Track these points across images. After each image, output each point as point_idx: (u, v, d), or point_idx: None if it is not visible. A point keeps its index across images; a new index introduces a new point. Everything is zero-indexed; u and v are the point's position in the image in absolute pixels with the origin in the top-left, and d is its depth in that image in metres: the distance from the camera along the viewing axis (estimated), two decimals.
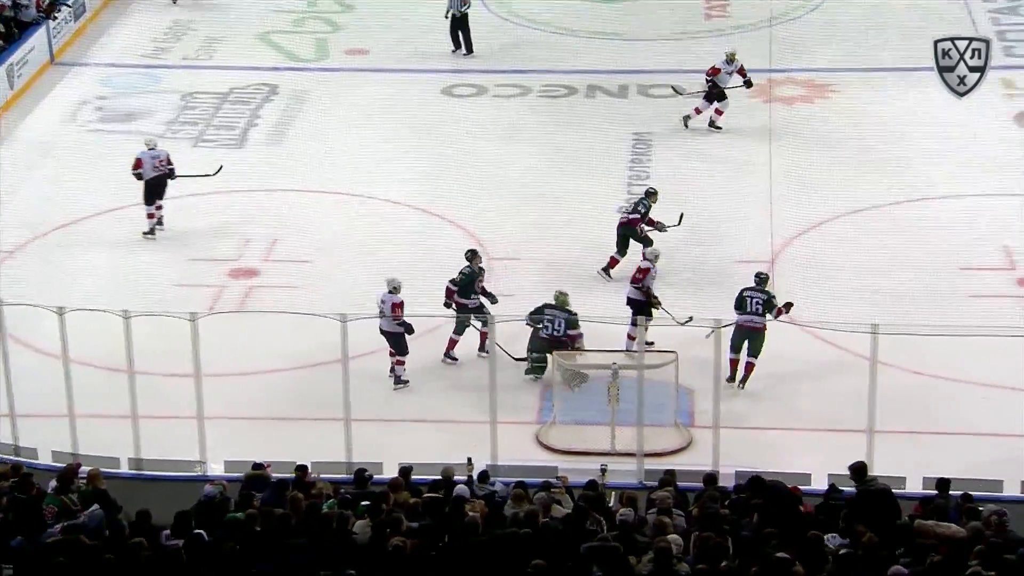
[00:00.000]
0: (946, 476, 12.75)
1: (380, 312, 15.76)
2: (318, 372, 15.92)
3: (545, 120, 22.63)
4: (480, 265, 16.47)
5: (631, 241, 17.93)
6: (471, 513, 11.43)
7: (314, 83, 24.07)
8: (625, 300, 16.35)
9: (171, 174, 19.14)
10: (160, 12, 27.17)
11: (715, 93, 21.70)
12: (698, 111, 21.86)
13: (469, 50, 24.86)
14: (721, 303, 16.24)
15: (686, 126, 21.86)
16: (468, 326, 16.15)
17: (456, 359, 16.28)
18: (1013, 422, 14.06)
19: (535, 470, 13.67)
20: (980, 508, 11.91)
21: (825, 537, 10.71)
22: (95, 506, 11.67)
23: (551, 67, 24.45)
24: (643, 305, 16.17)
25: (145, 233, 19.12)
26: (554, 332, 15.62)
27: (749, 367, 15.77)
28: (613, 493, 12.80)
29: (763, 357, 15.76)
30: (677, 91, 22.13)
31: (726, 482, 13.21)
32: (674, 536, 10.82)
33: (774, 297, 15.77)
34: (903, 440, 14.28)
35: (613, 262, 17.99)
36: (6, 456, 14.22)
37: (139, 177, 19.04)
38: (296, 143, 22.15)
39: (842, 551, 10.33)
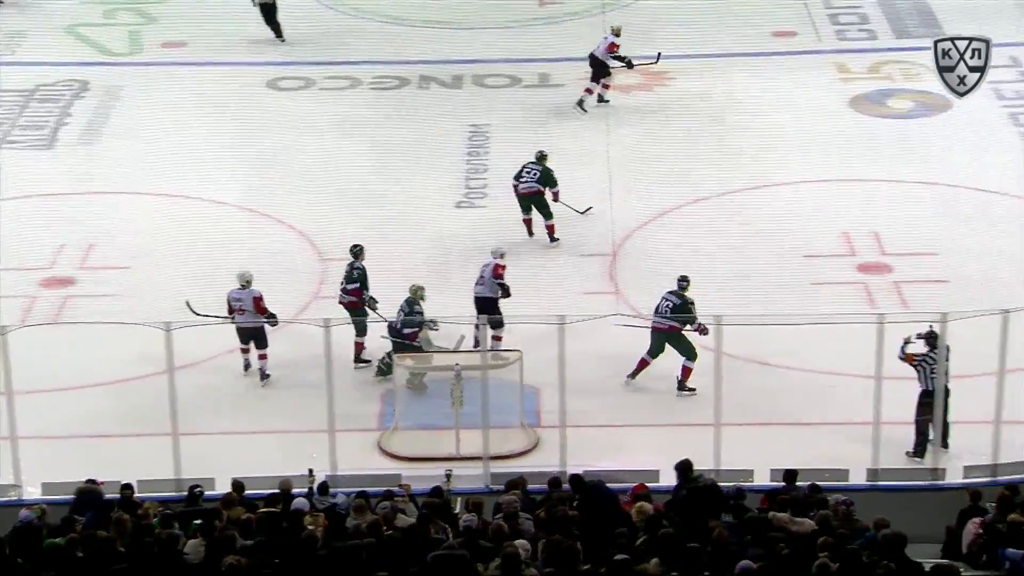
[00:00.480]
0: (793, 467, 13.10)
1: (240, 310, 15.72)
2: (142, 385, 15.65)
3: (377, 113, 22.55)
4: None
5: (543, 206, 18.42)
6: (310, 527, 11.36)
7: (128, 78, 23.59)
8: (473, 300, 16.29)
9: None
10: None
11: (603, 70, 22.02)
12: (589, 91, 22.09)
13: (280, 36, 24.68)
14: (565, 297, 16.44)
15: (584, 110, 22.05)
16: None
17: (368, 361, 16.16)
18: (858, 410, 14.43)
19: (377, 479, 13.67)
20: (827, 498, 12.28)
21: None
22: None
23: (381, 58, 24.38)
24: (492, 304, 16.18)
25: None
26: (397, 324, 15.52)
27: (685, 371, 15.64)
28: (459, 499, 12.85)
29: (607, 352, 15.93)
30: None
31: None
32: (521, 541, 10.89)
33: (692, 303, 15.65)
34: (750, 432, 14.54)
35: (550, 230, 18.50)
36: None
37: None
38: (111, 142, 21.72)
39: (690, 546, 10.51)
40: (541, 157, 18.73)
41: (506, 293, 16.22)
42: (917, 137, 21.26)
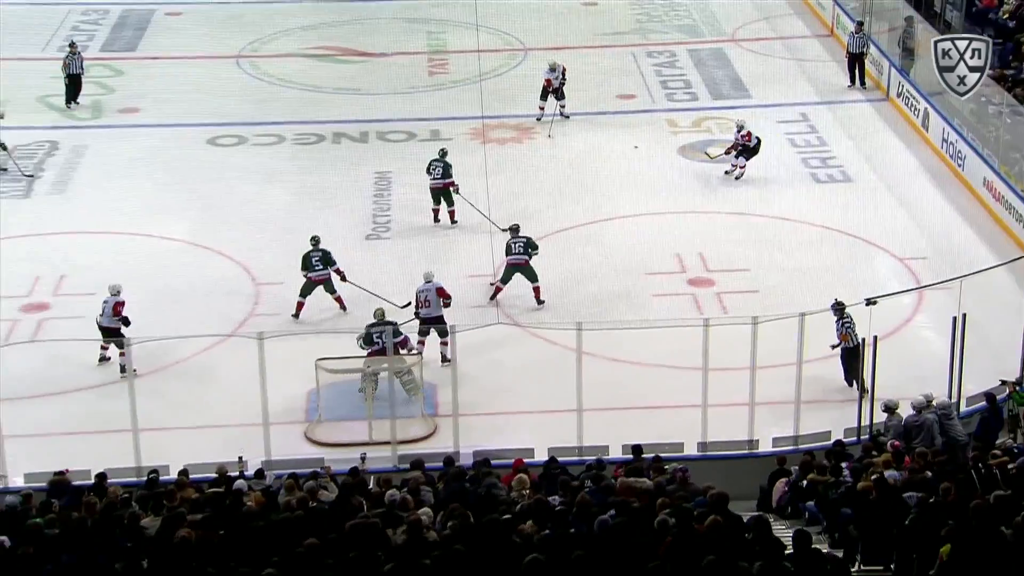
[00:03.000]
0: (639, 442, 13.22)
1: (103, 312, 15.58)
2: (107, 389, 15.30)
3: (299, 164, 22.32)
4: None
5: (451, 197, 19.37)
6: (249, 503, 11.19)
7: (91, 139, 23.06)
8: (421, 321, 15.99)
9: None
10: None
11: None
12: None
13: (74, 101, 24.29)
14: (460, 307, 16.39)
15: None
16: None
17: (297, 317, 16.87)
18: (689, 395, 14.59)
19: (305, 462, 13.50)
20: (666, 467, 12.42)
21: (549, 499, 10.93)
22: None
23: (302, 118, 24.14)
24: (441, 319, 15.97)
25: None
26: (382, 343, 15.12)
27: (536, 291, 17.17)
28: (372, 477, 12.75)
29: (489, 353, 15.95)
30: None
31: (466, 461, 13.35)
32: (425, 509, 10.84)
33: (532, 239, 17.25)
34: (605, 416, 14.64)
35: (451, 214, 19.53)
36: None
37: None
38: (78, 191, 21.18)
39: (558, 508, 10.55)
40: (444, 153, 19.41)
41: (448, 303, 16.10)
42: (731, 178, 21.62)
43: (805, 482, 12.56)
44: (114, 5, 29.64)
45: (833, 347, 15.22)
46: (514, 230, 17.50)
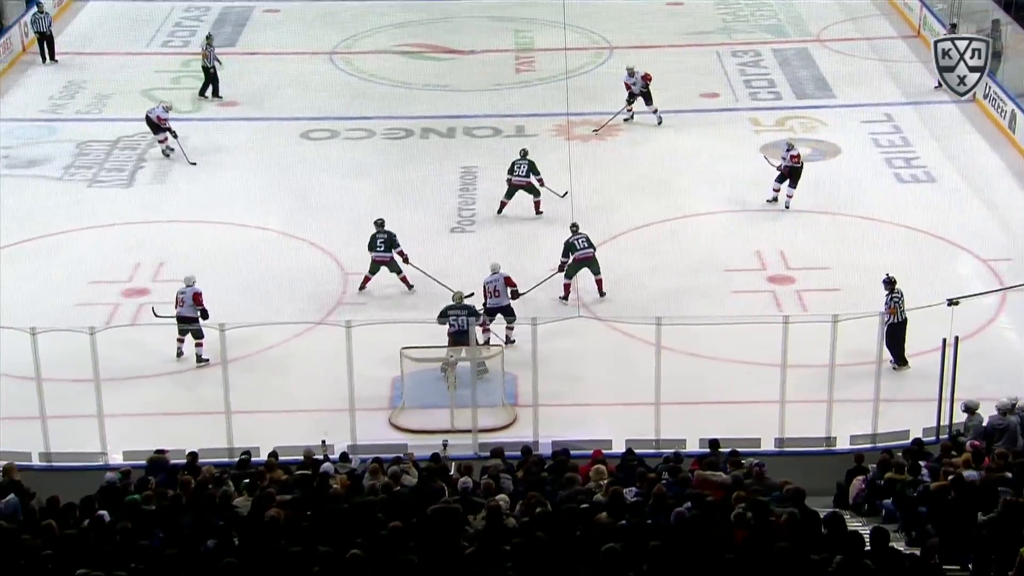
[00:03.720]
0: (716, 437, 13.11)
1: (181, 303, 15.67)
2: (202, 372, 15.58)
3: (388, 158, 22.48)
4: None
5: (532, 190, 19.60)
6: (335, 486, 11.34)
7: (191, 130, 23.50)
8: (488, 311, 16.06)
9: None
10: (56, 73, 26.22)
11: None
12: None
13: (217, 94, 24.71)
14: (542, 302, 16.39)
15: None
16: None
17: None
18: (767, 392, 14.45)
19: (388, 447, 13.62)
20: (743, 461, 12.30)
21: (624, 491, 10.90)
22: (11, 495, 11.24)
23: (392, 113, 24.31)
24: (509, 308, 16.12)
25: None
26: (460, 327, 15.32)
27: (599, 283, 17.13)
28: (453, 464, 12.83)
29: (570, 345, 15.94)
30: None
31: (544, 450, 13.36)
32: (502, 496, 10.88)
33: (589, 238, 17.21)
34: (683, 410, 14.55)
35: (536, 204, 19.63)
36: None
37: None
38: (177, 182, 21.57)
39: (635, 499, 10.51)
40: (525, 153, 19.59)
41: (516, 295, 16.24)
42: (814, 176, 21.32)
43: (883, 480, 12.35)
44: (215, 2, 30.20)
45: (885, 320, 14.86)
46: (574, 228, 17.35)
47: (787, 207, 19.80)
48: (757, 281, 18.07)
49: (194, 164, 21.54)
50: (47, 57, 26.41)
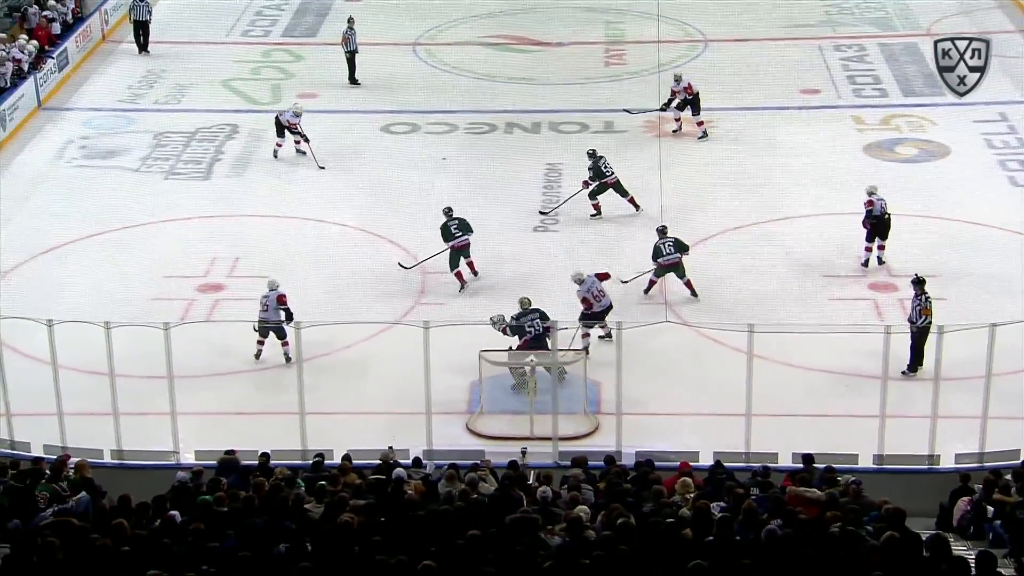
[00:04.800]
0: (810, 452, 12.94)
1: (265, 308, 15.82)
2: (276, 372, 15.80)
3: (470, 153, 22.59)
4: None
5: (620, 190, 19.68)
6: (409, 492, 11.41)
7: (270, 123, 23.83)
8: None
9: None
10: (135, 62, 26.84)
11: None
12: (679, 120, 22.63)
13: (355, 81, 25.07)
14: (627, 305, 16.34)
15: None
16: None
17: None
18: (866, 405, 14.24)
19: (465, 453, 13.68)
20: (839, 478, 12.12)
21: (711, 505, 10.81)
22: (82, 493, 11.50)
23: (475, 107, 24.44)
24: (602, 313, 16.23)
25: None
26: (537, 330, 15.41)
27: (689, 284, 17.23)
28: (532, 472, 12.84)
29: (657, 353, 15.88)
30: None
31: (627, 461, 13.31)
32: (583, 507, 10.86)
33: (680, 240, 17.21)
34: (775, 422, 14.40)
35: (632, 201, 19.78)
36: (3, 450, 13.97)
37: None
38: (255, 175, 21.93)
39: (721, 515, 10.41)
40: (592, 153, 19.67)
41: (607, 275, 16.63)
42: (920, 179, 20.95)
43: (990, 502, 12.08)
44: None
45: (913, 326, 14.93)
46: (662, 231, 17.28)
47: (880, 262, 18.41)
48: (857, 288, 17.81)
49: (323, 168, 21.49)
50: (142, 48, 26.84)
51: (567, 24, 28.29)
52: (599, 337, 16.10)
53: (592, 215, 19.78)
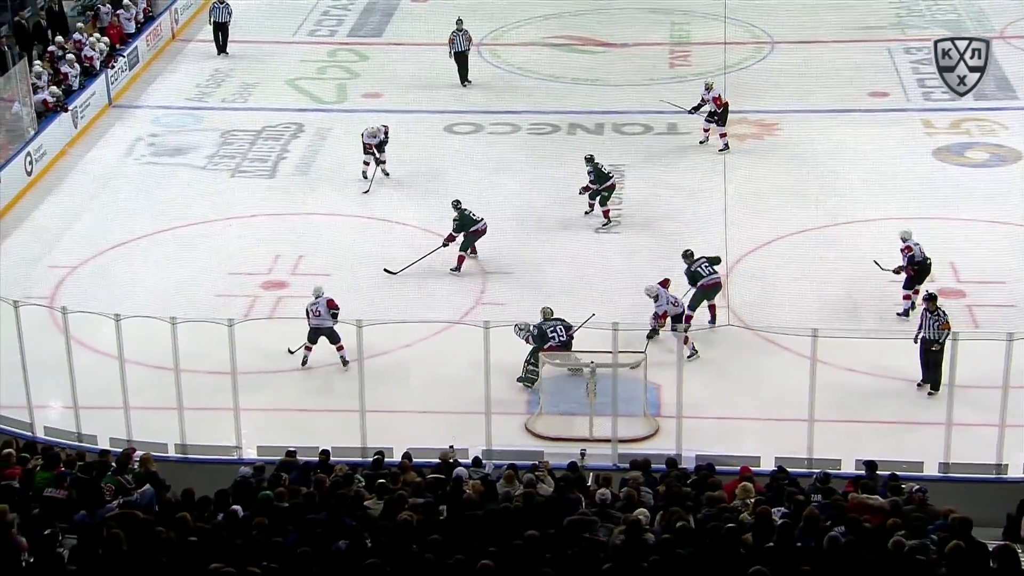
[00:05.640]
0: (873, 458, 12.79)
1: (317, 314, 15.85)
2: (336, 370, 15.92)
3: (532, 154, 22.60)
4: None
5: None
6: (468, 491, 11.44)
7: (335, 122, 24.08)
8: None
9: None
10: (202, 61, 27.18)
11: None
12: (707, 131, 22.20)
13: (467, 81, 25.13)
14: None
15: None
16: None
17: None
18: (931, 412, 14.04)
19: (524, 454, 13.68)
20: (903, 486, 11.97)
21: (772, 511, 10.72)
22: (147, 486, 11.67)
23: (539, 108, 24.45)
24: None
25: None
26: (560, 338, 15.49)
27: (712, 308, 16.48)
28: (591, 474, 12.81)
29: (719, 355, 15.77)
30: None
31: (687, 464, 13.24)
32: (642, 510, 10.83)
33: (710, 257, 16.62)
34: (838, 428, 14.25)
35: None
36: (70, 442, 14.21)
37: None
38: (319, 173, 22.12)
39: (782, 521, 10.32)
40: (589, 159, 19.59)
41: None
42: (990, 184, 20.61)
43: None
44: None
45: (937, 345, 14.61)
46: (688, 255, 16.77)
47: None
48: (923, 293, 17.53)
49: (388, 175, 21.39)
50: (221, 49, 27.12)
51: (632, 25, 28.21)
52: (647, 336, 15.98)
53: (604, 224, 19.49)
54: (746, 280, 17.88)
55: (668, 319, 16.06)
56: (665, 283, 16.42)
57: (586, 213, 19.82)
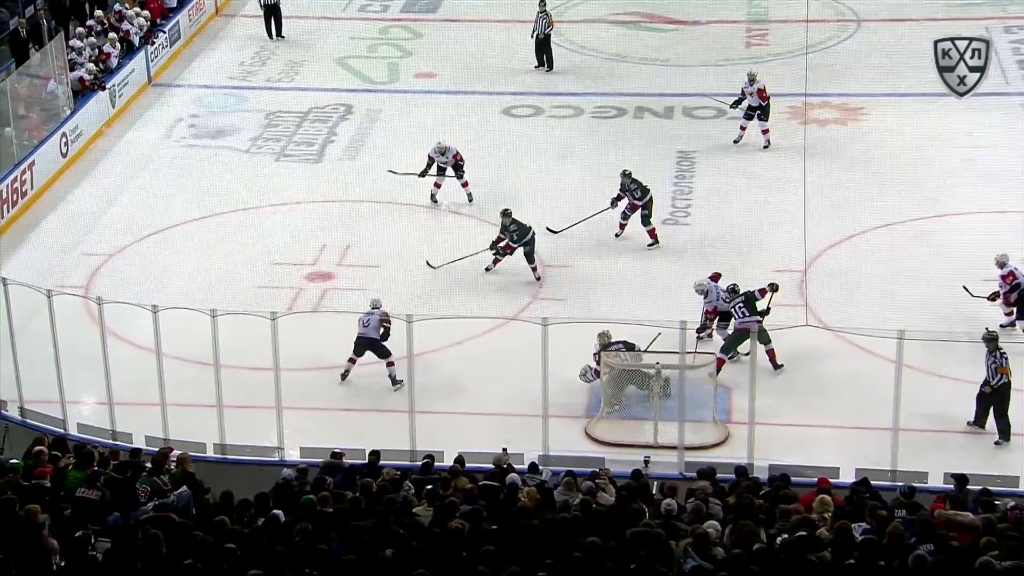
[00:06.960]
0: (964, 472, 12.61)
1: (365, 324, 15.72)
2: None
3: (595, 139, 22.53)
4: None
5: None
6: (523, 499, 11.44)
7: (386, 103, 24.16)
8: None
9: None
10: (247, 38, 27.39)
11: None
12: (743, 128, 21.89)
13: (551, 67, 25.06)
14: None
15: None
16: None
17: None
18: None
19: (583, 460, 13.67)
20: (997, 502, 11.79)
21: (852, 526, 10.62)
22: (183, 488, 11.77)
23: (603, 89, 24.39)
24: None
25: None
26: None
27: (771, 353, 15.65)
28: (655, 483, 12.77)
29: (795, 357, 15.67)
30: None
31: (760, 474, 13.15)
32: (712, 523, 10.77)
33: (750, 292, 15.77)
34: (925, 438, 14.09)
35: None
36: (104, 440, 14.39)
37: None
38: (369, 158, 22.21)
39: (863, 537, 10.22)
40: (626, 174, 18.88)
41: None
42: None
43: None
44: None
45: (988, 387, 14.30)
46: (732, 290, 15.99)
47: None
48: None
49: (471, 200, 20.60)
50: (274, 33, 26.89)
51: (705, 1, 28.01)
52: (696, 335, 15.88)
53: (651, 244, 18.90)
54: (826, 277, 17.72)
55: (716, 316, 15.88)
56: (715, 277, 16.32)
57: (616, 235, 19.05)
